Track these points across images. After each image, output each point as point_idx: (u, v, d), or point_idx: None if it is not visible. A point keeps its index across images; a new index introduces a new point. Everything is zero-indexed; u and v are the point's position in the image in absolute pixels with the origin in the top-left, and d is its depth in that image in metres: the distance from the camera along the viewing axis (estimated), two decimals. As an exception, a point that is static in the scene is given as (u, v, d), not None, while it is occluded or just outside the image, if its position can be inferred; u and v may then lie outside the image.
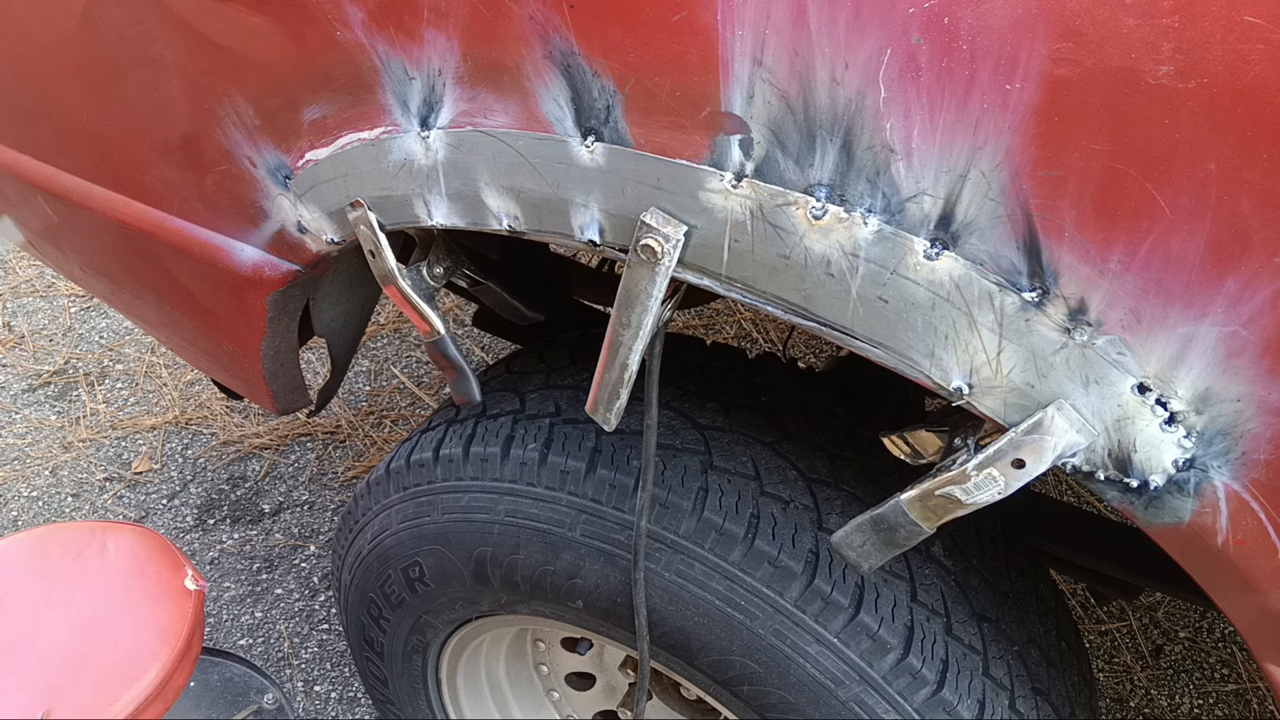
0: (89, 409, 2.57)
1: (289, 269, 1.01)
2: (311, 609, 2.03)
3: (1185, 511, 0.63)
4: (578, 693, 1.41)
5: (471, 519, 1.07)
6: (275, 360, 1.17)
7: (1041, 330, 0.60)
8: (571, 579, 1.02)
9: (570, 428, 1.05)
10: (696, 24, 0.61)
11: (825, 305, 0.67)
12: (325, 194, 0.89)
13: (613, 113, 0.68)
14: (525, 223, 0.78)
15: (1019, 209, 0.57)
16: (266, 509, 2.26)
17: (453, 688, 1.35)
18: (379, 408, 2.54)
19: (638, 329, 0.76)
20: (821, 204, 0.63)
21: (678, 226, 0.69)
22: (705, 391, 1.08)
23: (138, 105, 0.96)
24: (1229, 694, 1.86)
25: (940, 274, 0.61)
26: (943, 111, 0.56)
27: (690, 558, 0.94)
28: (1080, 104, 0.53)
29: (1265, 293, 0.53)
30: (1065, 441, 0.63)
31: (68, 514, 2.27)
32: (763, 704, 0.95)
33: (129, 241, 1.13)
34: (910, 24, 0.55)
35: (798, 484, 0.98)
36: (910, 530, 0.76)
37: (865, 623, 0.89)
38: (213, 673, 1.44)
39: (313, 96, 0.83)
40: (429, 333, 0.99)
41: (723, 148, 0.65)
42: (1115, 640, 1.96)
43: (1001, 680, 0.94)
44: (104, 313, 2.93)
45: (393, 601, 1.21)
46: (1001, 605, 0.99)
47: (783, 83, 0.60)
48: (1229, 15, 0.48)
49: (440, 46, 0.72)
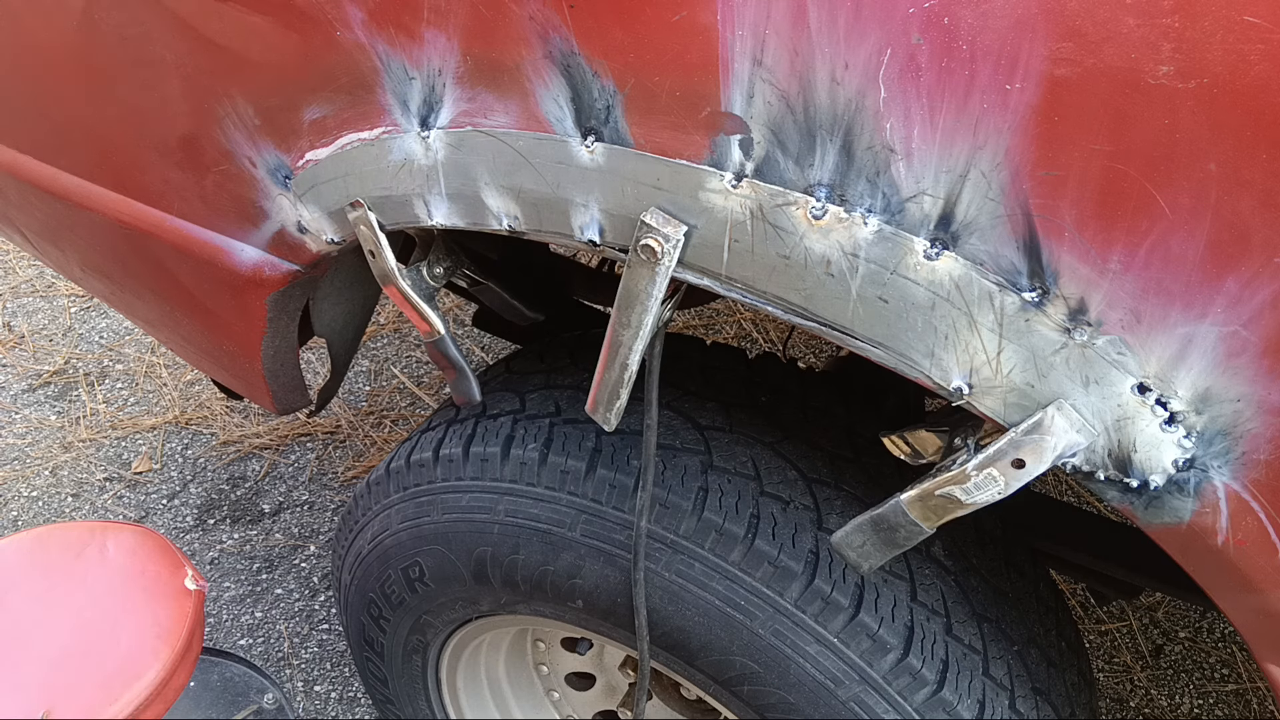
0: (89, 409, 2.57)
1: (289, 269, 1.01)
2: (311, 609, 2.03)
3: (1185, 511, 0.63)
4: (578, 693, 1.41)
5: (471, 519, 1.07)
6: (275, 360, 1.17)
7: (1041, 330, 0.60)
8: (571, 579, 1.02)
9: (570, 428, 1.05)
10: (696, 24, 0.61)
11: (825, 305, 0.67)
12: (325, 194, 0.89)
13: (613, 113, 0.68)
14: (525, 223, 0.78)
15: (1019, 209, 0.57)
16: (266, 509, 2.26)
17: (453, 688, 1.35)
18: (379, 408, 2.54)
19: (638, 329, 0.76)
20: (821, 204, 0.63)
21: (678, 226, 0.69)
22: (705, 391, 1.08)
23: (138, 105, 0.96)
24: (1229, 694, 1.86)
25: (940, 274, 0.61)
26: (943, 111, 0.56)
27: (690, 558, 0.94)
28: (1080, 104, 0.53)
29: (1265, 293, 0.53)
30: (1065, 441, 0.63)
31: (68, 514, 2.27)
32: (763, 704, 0.95)
33: (129, 241, 1.13)
34: (910, 24, 0.55)
35: (798, 484, 0.98)
36: (910, 530, 0.76)
37: (865, 623, 0.89)
38: (213, 673, 1.44)
39: (313, 96, 0.83)
40: (429, 333, 0.99)
41: (723, 148, 0.65)
42: (1115, 640, 1.96)
43: (1001, 680, 0.94)
44: (104, 313, 2.93)
45: (393, 601, 1.21)
46: (1001, 605, 0.99)
47: (783, 83, 0.60)
48: (1229, 15, 0.48)
49: (440, 46, 0.72)
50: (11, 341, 2.82)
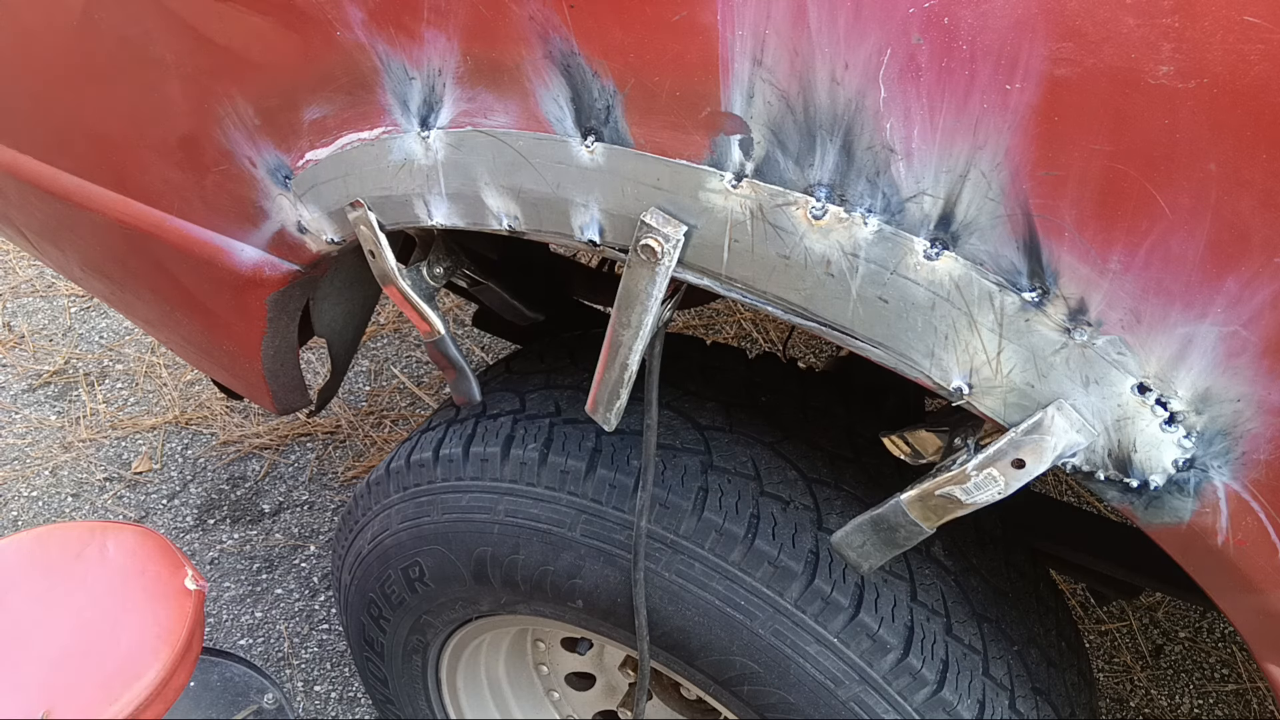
0: (89, 409, 2.57)
1: (289, 269, 1.01)
2: (311, 609, 2.03)
3: (1185, 511, 0.63)
4: (578, 693, 1.41)
5: (471, 519, 1.07)
6: (275, 360, 1.17)
7: (1041, 330, 0.60)
8: (571, 579, 1.02)
9: (570, 428, 1.05)
10: (696, 24, 0.61)
11: (825, 305, 0.67)
12: (325, 194, 0.89)
13: (613, 113, 0.68)
14: (525, 223, 0.78)
15: (1019, 209, 0.57)
16: (266, 509, 2.26)
17: (453, 688, 1.35)
18: (379, 408, 2.54)
19: (638, 329, 0.76)
20: (821, 204, 0.63)
21: (678, 226, 0.69)
22: (705, 391, 1.08)
23: (138, 105, 0.96)
24: (1229, 694, 1.86)
25: (940, 274, 0.61)
26: (943, 111, 0.56)
27: (690, 558, 0.94)
28: (1080, 104, 0.53)
29: (1265, 293, 0.53)
30: (1065, 441, 0.63)
31: (68, 514, 2.27)
32: (763, 704, 0.95)
33: (129, 241, 1.13)
34: (910, 24, 0.55)
35: (798, 484, 0.98)
36: (910, 530, 0.76)
37: (865, 623, 0.89)
38: (213, 673, 1.44)
39: (313, 96, 0.83)
40: (429, 333, 0.99)
41: (723, 148, 0.65)
42: (1115, 640, 1.96)
43: (1001, 680, 0.94)
44: (104, 313, 2.93)
45: (393, 601, 1.21)
46: (1001, 605, 0.99)
47: (783, 83, 0.60)
48: (1229, 15, 0.48)
49: (440, 46, 0.72)
50: (11, 341, 2.82)
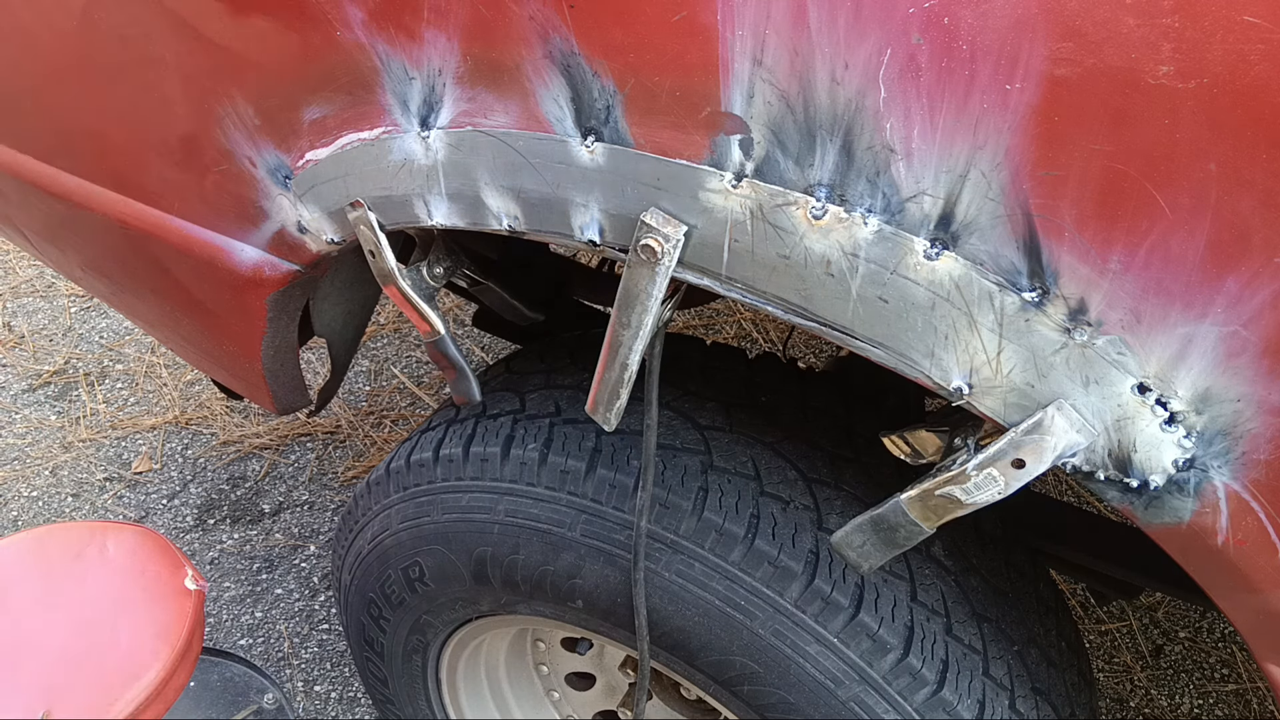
0: (89, 409, 2.57)
1: (289, 269, 1.01)
2: (311, 609, 2.03)
3: (1185, 511, 0.63)
4: (578, 693, 1.41)
5: (471, 519, 1.07)
6: (275, 360, 1.17)
7: (1041, 330, 0.60)
8: (571, 579, 1.02)
9: (570, 428, 1.05)
10: (696, 24, 0.61)
11: (825, 305, 0.67)
12: (325, 194, 0.89)
13: (613, 113, 0.68)
14: (525, 223, 0.78)
15: (1019, 209, 0.57)
16: (266, 509, 2.26)
17: (453, 688, 1.35)
18: (379, 408, 2.54)
19: (638, 329, 0.76)
20: (821, 204, 0.63)
21: (678, 226, 0.69)
22: (705, 391, 1.08)
23: (138, 105, 0.96)
24: (1229, 694, 1.86)
25: (940, 274, 0.61)
26: (943, 111, 0.56)
27: (690, 558, 0.94)
28: (1080, 104, 0.53)
29: (1265, 293, 0.53)
30: (1065, 441, 0.63)
31: (68, 514, 2.27)
32: (763, 704, 0.95)
33: (129, 241, 1.13)
34: (910, 24, 0.55)
35: (798, 484, 0.98)
36: (910, 530, 0.76)
37: (865, 623, 0.89)
38: (213, 673, 1.44)
39: (313, 96, 0.83)
40: (429, 333, 0.99)
41: (723, 148, 0.65)
42: (1115, 640, 1.96)
43: (1001, 680, 0.94)
44: (104, 313, 2.93)
45: (393, 601, 1.21)
46: (1001, 605, 0.99)
47: (783, 83, 0.60)
48: (1229, 15, 0.48)
49: (440, 46, 0.72)
50: (11, 341, 2.82)
